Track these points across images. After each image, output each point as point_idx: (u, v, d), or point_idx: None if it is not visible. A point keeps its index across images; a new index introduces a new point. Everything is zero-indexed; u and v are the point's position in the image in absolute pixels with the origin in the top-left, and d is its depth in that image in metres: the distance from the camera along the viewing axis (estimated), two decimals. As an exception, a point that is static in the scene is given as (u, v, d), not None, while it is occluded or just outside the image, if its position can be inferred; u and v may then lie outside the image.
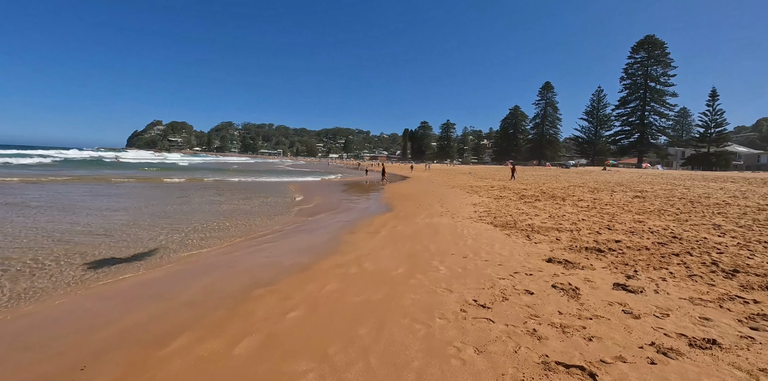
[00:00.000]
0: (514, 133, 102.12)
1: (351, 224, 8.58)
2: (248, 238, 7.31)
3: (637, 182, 20.81)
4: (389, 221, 8.80)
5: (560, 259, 4.89)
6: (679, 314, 3.22)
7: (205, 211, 10.39)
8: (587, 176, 29.27)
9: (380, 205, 12.45)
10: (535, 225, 7.56)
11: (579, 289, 3.79)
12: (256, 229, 8.23)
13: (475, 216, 9.14)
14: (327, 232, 7.73)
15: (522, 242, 6.07)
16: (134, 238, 7.07)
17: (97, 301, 4.05)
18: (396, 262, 5.00)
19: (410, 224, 8.26)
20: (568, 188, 17.38)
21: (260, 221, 9.27)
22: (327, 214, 10.59)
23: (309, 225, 8.80)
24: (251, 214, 10.22)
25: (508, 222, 8.02)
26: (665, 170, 48.73)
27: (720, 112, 58.65)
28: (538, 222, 7.94)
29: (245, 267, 5.17)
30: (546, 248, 5.64)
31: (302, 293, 3.93)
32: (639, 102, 72.36)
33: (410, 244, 6.13)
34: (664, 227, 7.09)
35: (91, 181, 19.20)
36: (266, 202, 13.20)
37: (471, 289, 3.86)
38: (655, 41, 70.85)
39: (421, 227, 7.82)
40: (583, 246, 5.66)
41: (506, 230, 7.15)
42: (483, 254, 5.34)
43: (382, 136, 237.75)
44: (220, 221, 8.99)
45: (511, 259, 5.05)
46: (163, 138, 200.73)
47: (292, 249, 6.20)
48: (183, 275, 4.97)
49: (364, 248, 5.94)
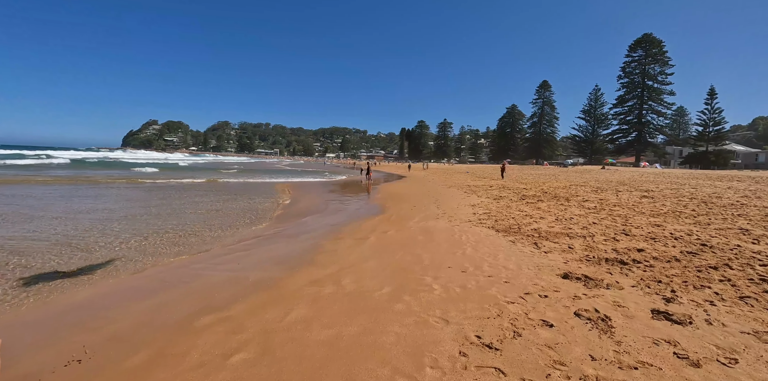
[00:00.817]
0: (512, 132, 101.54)
1: (337, 228, 7.74)
2: (220, 246, 6.45)
3: (639, 181, 20.11)
4: (380, 225, 7.97)
5: (578, 275, 4.08)
6: (750, 359, 2.41)
7: (181, 214, 9.50)
8: (587, 175, 28.57)
9: (372, 207, 11.62)
10: (541, 230, 6.75)
11: (610, 318, 2.98)
12: (232, 235, 7.37)
13: (474, 219, 8.32)
14: (309, 237, 6.89)
15: (530, 251, 5.26)
16: (91, 245, 6.19)
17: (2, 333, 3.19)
18: (381, 279, 4.17)
19: (403, 229, 7.43)
20: (569, 188, 16.63)
21: (240, 225, 8.41)
22: (314, 217, 9.75)
23: (292, 229, 7.96)
24: (232, 218, 9.35)
25: (512, 226, 7.21)
26: (664, 169, 48.19)
27: (718, 111, 58.24)
28: (545, 226, 7.14)
29: (202, 284, 4.32)
30: (558, 259, 4.83)
31: (258, 323, 3.10)
32: (637, 100, 71.92)
33: (401, 254, 5.30)
34: (686, 232, 6.31)
35: (83, 183, 18.22)
36: (252, 203, 12.33)
37: (472, 319, 3.04)
38: (652, 40, 70.37)
39: (414, 232, 6.99)
40: (601, 256, 4.85)
41: (510, 236, 6.34)
42: (485, 267, 4.52)
43: (379, 135, 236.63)
44: (194, 226, 8.12)
45: (520, 273, 4.24)
46: (158, 137, 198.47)
47: (264, 259, 5.36)
48: (126, 296, 4.12)
49: (346, 259, 5.11)
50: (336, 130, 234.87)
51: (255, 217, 9.56)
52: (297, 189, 18.73)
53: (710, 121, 58.65)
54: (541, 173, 34.16)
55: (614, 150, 76.25)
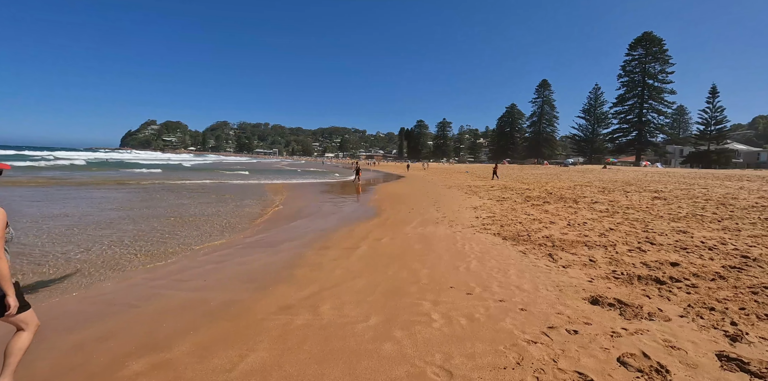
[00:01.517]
0: (511, 132, 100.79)
1: (326, 235, 6.99)
2: (192, 256, 5.69)
3: (645, 181, 19.40)
4: (374, 231, 7.22)
5: (610, 299, 3.33)
6: None
7: (158, 219, 8.73)
8: (590, 175, 27.87)
9: (367, 209, 10.86)
10: (554, 237, 6.01)
11: (668, 370, 2.23)
12: (210, 243, 6.61)
13: (477, 223, 7.58)
14: (293, 246, 6.13)
15: (545, 266, 4.51)
16: (41, 256, 5.42)
17: None
18: (369, 304, 3.42)
19: (398, 235, 6.68)
20: (574, 188, 15.91)
21: (222, 231, 7.64)
22: (304, 221, 8.99)
23: (277, 235, 7.20)
24: (216, 223, 8.58)
25: (520, 233, 6.46)
26: (666, 168, 47.55)
27: (720, 109, 57.66)
28: (557, 233, 6.39)
29: (153, 310, 3.57)
30: (581, 276, 4.08)
31: (200, 375, 2.34)
32: (637, 99, 71.24)
33: (394, 269, 4.55)
34: (719, 240, 5.57)
35: (68, 185, 17.42)
36: (241, 206, 11.55)
37: (484, 370, 2.29)
38: (653, 38, 69.67)
39: (411, 240, 6.24)
40: (631, 272, 4.11)
41: (520, 245, 5.59)
42: (495, 287, 3.77)
43: (378, 135, 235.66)
44: (172, 232, 7.35)
45: (537, 296, 3.49)
46: (157, 137, 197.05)
47: (235, 275, 4.60)
48: (58, 325, 3.34)
49: (330, 276, 4.35)
50: (335, 130, 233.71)
51: (240, 222, 8.80)
52: (292, 190, 17.96)
53: (712, 120, 58.05)
54: (542, 173, 33.45)
55: (614, 149, 75.61)
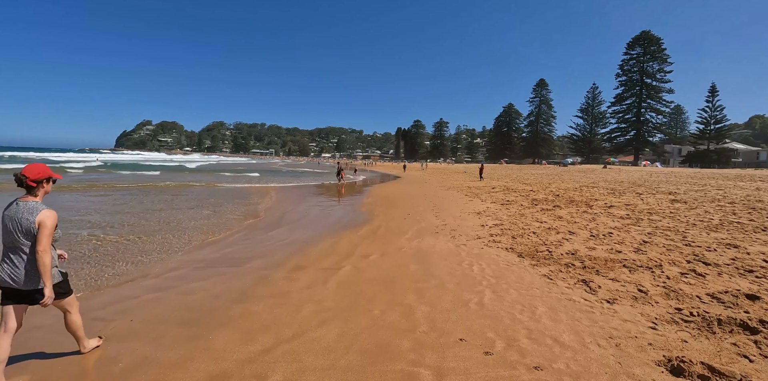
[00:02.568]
0: (508, 131, 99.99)
1: (305, 250, 5.84)
2: (129, 282, 4.52)
3: (653, 182, 18.40)
4: (361, 244, 6.09)
5: (697, 367, 2.22)
6: None
7: (114, 227, 7.53)
8: (592, 175, 26.90)
9: (358, 215, 9.73)
10: (581, 254, 4.90)
11: None
12: (163, 260, 5.44)
13: (484, 234, 6.47)
14: (261, 266, 4.98)
15: (583, 299, 3.40)
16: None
17: None
18: (339, 375, 2.29)
19: (390, 250, 5.55)
20: (581, 190, 14.86)
21: (180, 244, 6.46)
22: (284, 230, 7.83)
23: (247, 250, 6.03)
24: (177, 233, 7.40)
25: (538, 247, 5.35)
26: (669, 168, 46.80)
27: (720, 108, 57.08)
28: (582, 247, 5.29)
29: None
30: (637, 317, 2.97)
31: None
32: (635, 99, 70.68)
33: (381, 306, 3.42)
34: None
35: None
36: (216, 212, 10.37)
37: None
38: (651, 37, 69.17)
39: (406, 257, 5.11)
40: (703, 312, 3.00)
41: (541, 265, 4.48)
42: (523, 339, 2.65)
43: (375, 135, 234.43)
44: (125, 246, 6.16)
45: (589, 360, 2.38)
46: (152, 138, 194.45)
47: (173, 312, 3.43)
48: None
49: (294, 318, 3.21)
50: (332, 130, 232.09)
51: (212, 232, 7.62)
52: (281, 192, 16.75)
53: (711, 119, 57.45)
54: (542, 173, 32.47)
55: (612, 149, 75.02)
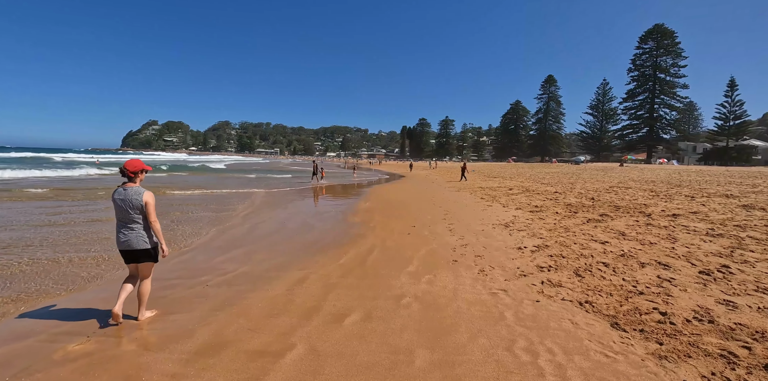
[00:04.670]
0: (515, 129, 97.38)
1: (243, 298, 3.79)
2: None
3: (690, 181, 16.05)
4: (337, 286, 4.01)
5: None
6: None
7: (50, 243, 5.52)
8: (613, 174, 24.58)
9: (348, 227, 7.63)
10: (721, 322, 2.81)
11: None
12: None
13: (528, 265, 4.37)
14: (134, 351, 2.95)
15: None
16: None
17: None
18: None
19: (381, 304, 3.47)
20: (615, 192, 12.65)
21: (97, 281, 4.42)
22: (237, 254, 5.76)
23: (173, 294, 4.00)
24: (111, 262, 5.38)
25: (633, 299, 3.22)
26: (687, 166, 44.17)
27: (740, 103, 54.21)
28: (710, 302, 3.18)
29: None
30: None
31: None
32: (648, 94, 67.78)
33: None
34: None
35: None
36: (179, 223, 8.36)
37: None
38: (664, 30, 66.17)
39: (407, 325, 3.03)
40: None
41: (669, 359, 2.39)
42: None
43: (380, 133, 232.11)
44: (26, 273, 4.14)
45: None
46: (158, 138, 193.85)
47: None
48: None
49: None
50: (337, 129, 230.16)
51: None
52: (268, 196, 14.72)
53: (731, 115, 54.57)
54: (557, 171, 30.17)
55: (624, 146, 72.19)
